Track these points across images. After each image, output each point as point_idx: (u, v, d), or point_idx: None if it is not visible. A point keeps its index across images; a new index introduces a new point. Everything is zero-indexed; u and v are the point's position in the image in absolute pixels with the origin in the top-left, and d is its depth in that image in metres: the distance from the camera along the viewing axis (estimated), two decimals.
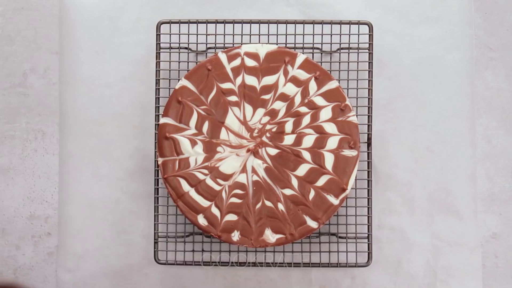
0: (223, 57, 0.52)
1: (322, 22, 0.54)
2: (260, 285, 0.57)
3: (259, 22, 0.54)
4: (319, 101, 0.52)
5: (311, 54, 0.56)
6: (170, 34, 0.55)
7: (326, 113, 0.52)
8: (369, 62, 0.55)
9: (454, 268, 0.56)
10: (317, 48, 0.56)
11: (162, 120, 0.51)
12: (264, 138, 0.52)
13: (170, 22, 0.54)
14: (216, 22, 0.54)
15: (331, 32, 0.55)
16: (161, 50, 0.55)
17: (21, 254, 0.58)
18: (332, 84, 0.52)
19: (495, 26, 0.59)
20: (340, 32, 0.55)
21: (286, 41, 0.55)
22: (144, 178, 0.57)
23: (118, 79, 0.57)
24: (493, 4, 0.60)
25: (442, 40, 0.57)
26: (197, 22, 0.54)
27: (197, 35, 0.55)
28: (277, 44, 0.54)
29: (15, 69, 0.59)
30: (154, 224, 0.54)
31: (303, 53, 0.53)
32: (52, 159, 0.59)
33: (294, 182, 0.51)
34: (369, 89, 0.55)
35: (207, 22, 0.54)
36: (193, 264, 0.55)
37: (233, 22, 0.54)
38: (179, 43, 0.55)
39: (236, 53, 0.52)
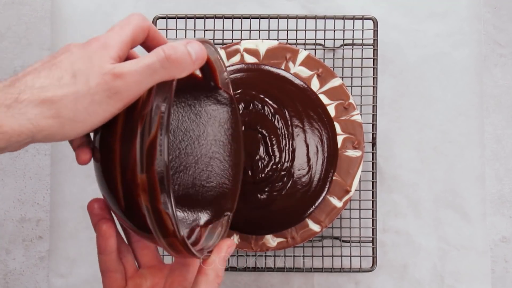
0: (221, 53, 0.52)
1: (324, 17, 0.54)
2: None
3: (259, 17, 0.54)
4: (322, 99, 0.52)
5: (314, 50, 0.56)
6: (166, 30, 0.55)
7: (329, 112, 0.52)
8: (373, 59, 0.55)
9: (462, 273, 0.56)
10: (320, 44, 0.56)
11: None
12: None
13: (166, 17, 0.55)
14: (215, 17, 0.54)
15: (334, 28, 0.55)
16: None
17: (12, 259, 0.58)
18: (335, 82, 0.52)
19: (504, 21, 0.60)
20: (344, 28, 0.55)
21: (287, 37, 0.55)
22: None
23: None
24: None
25: (449, 36, 0.57)
26: (194, 17, 0.55)
27: (194, 30, 0.55)
28: (278, 40, 0.54)
29: (6, 66, 0.59)
30: None
31: (305, 50, 0.54)
32: (44, 160, 0.59)
33: None
34: (373, 87, 0.55)
35: (205, 17, 0.54)
36: None
37: (232, 17, 0.54)
38: (176, 39, 0.55)
39: (236, 50, 0.52)
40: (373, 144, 0.55)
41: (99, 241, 0.36)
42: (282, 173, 0.50)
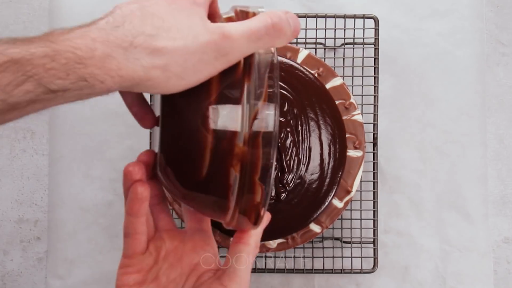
0: None
1: (325, 16, 0.54)
2: None
3: None
4: None
5: (314, 49, 0.56)
6: None
7: None
8: (374, 58, 0.55)
9: (464, 274, 0.56)
10: (320, 43, 0.56)
11: None
12: None
13: None
14: None
15: (335, 27, 0.55)
16: None
17: (9, 260, 0.58)
18: (336, 81, 0.52)
19: (507, 20, 0.59)
20: (345, 27, 0.55)
21: None
22: None
23: None
24: None
25: (451, 35, 0.57)
26: None
27: None
28: None
29: None
30: None
31: (305, 49, 0.53)
32: (42, 160, 0.59)
33: None
34: (374, 86, 0.55)
35: None
36: None
37: None
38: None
39: None
40: (374, 144, 0.55)
41: (132, 203, 0.35)
42: (297, 181, 0.49)
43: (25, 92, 0.26)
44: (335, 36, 0.55)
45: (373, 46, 0.55)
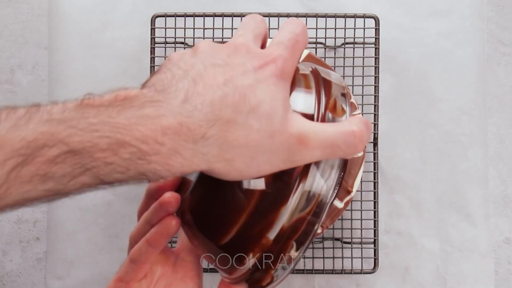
0: None
1: (325, 16, 0.54)
2: None
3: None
4: None
5: (314, 49, 0.56)
6: (165, 28, 0.55)
7: None
8: (375, 58, 0.55)
9: (465, 275, 0.56)
10: (321, 43, 0.56)
11: None
12: None
13: (165, 16, 0.54)
14: (214, 15, 0.54)
15: (335, 26, 0.55)
16: (156, 45, 0.55)
17: (8, 260, 0.58)
18: None
19: (508, 19, 0.59)
20: (345, 26, 0.55)
21: None
22: None
23: (110, 76, 0.57)
24: None
25: (452, 35, 0.57)
26: (193, 15, 0.54)
27: (193, 29, 0.55)
28: None
29: (2, 65, 0.59)
30: None
31: (306, 48, 0.53)
32: None
33: None
34: (375, 86, 0.55)
35: (204, 15, 0.54)
36: None
37: (232, 15, 0.54)
38: (175, 38, 0.55)
39: None
40: (375, 144, 0.54)
41: (160, 236, 0.33)
42: None
43: (81, 185, 0.25)
44: (335, 36, 0.55)
45: (373, 45, 0.55)
